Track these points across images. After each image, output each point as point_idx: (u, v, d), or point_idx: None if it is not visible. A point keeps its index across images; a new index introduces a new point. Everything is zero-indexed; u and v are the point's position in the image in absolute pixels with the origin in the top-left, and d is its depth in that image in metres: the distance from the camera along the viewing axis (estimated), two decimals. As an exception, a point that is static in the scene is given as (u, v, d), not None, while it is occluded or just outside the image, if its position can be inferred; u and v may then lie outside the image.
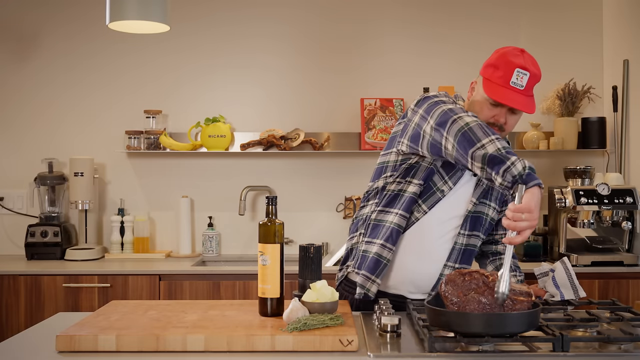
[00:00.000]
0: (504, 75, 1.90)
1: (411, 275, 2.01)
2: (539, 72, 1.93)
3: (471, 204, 2.01)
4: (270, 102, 3.76)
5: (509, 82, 1.89)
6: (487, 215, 2.05)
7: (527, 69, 1.90)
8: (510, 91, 1.90)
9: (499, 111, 1.94)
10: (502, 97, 1.89)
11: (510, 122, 1.96)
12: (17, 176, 3.72)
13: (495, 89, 1.91)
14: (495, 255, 2.17)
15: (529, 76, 1.90)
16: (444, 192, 1.98)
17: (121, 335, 1.54)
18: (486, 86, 1.93)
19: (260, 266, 1.76)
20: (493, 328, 1.50)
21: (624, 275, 3.14)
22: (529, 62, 1.92)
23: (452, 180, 1.98)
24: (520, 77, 1.90)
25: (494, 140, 1.71)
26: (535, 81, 1.92)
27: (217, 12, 3.76)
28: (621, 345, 1.54)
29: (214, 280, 3.15)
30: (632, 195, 3.16)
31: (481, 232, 2.05)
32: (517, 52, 1.94)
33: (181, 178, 3.75)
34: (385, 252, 1.97)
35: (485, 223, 2.05)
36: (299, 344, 1.54)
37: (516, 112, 1.95)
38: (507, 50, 1.95)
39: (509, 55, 1.92)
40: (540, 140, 3.59)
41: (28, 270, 3.17)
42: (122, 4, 2.29)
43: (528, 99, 1.92)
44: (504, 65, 1.91)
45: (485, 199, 2.04)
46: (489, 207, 2.05)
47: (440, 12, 3.75)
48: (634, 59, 3.46)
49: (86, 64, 3.75)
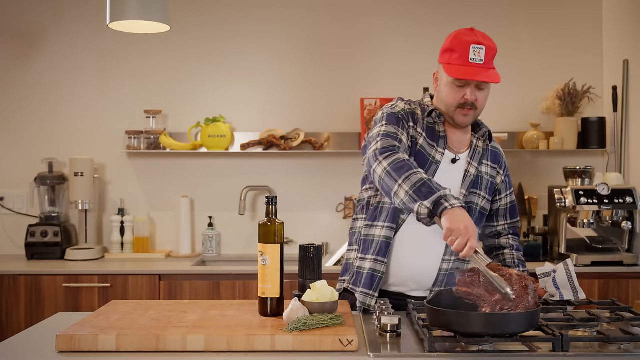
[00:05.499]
0: (461, 55, 1.96)
1: (410, 273, 2.03)
2: (494, 45, 1.99)
3: (461, 196, 2.03)
4: (270, 102, 3.76)
5: (468, 59, 1.95)
6: (477, 204, 2.06)
7: (481, 43, 1.96)
8: (472, 67, 1.95)
9: (467, 90, 1.98)
10: (466, 74, 1.94)
11: (480, 98, 2.01)
12: (17, 176, 3.72)
13: (457, 69, 1.96)
14: (499, 250, 2.18)
15: (485, 49, 1.96)
16: None
17: (121, 335, 1.55)
18: (448, 70, 1.98)
19: (260, 266, 1.76)
20: (493, 328, 1.50)
21: (624, 275, 3.14)
22: (481, 37, 1.98)
23: (428, 174, 1.99)
24: (477, 51, 1.95)
25: (399, 188, 1.81)
26: (492, 53, 1.98)
27: (218, 12, 3.76)
28: (621, 345, 1.54)
29: (214, 280, 3.15)
30: (632, 195, 3.16)
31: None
32: (467, 31, 2.00)
33: (181, 178, 3.75)
34: (379, 266, 2.01)
35: (475, 213, 2.06)
36: (299, 344, 1.54)
37: (482, 87, 2.00)
38: (457, 32, 2.01)
39: (461, 36, 1.98)
40: (540, 140, 3.59)
41: (28, 270, 3.17)
42: (122, 4, 2.29)
43: (491, 71, 1.98)
44: (459, 46, 1.96)
45: (475, 189, 2.06)
46: (479, 197, 2.07)
47: (440, 12, 3.75)
48: (634, 59, 3.46)
49: (86, 63, 3.75)
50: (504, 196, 2.15)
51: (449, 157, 2.04)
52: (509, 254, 2.15)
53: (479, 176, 2.06)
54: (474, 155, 2.08)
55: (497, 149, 2.16)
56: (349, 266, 2.12)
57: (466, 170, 2.04)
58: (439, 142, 2.03)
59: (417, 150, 2.00)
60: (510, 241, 2.17)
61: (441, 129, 2.05)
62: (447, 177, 2.01)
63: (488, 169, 2.10)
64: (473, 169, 2.05)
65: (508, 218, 2.17)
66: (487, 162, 2.11)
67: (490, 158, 2.12)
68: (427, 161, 2.00)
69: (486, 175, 2.09)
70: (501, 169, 2.14)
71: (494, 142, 2.16)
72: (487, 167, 2.10)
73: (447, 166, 2.03)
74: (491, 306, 1.58)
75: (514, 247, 2.17)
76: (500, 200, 2.15)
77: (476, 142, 2.10)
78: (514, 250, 2.16)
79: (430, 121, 2.05)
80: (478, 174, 2.06)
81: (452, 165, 2.04)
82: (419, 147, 2.01)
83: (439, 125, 2.05)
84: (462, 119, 2.01)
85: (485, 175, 2.08)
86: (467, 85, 1.97)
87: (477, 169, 2.06)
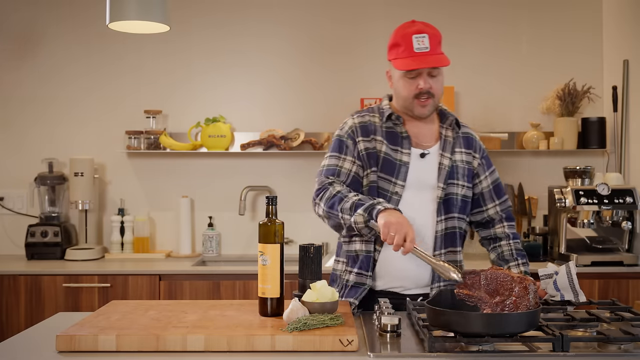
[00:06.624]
0: (406, 47, 2.00)
1: (404, 272, 2.04)
2: (437, 31, 2.03)
3: (440, 190, 2.04)
4: (270, 102, 3.76)
5: (413, 49, 1.99)
6: (458, 194, 2.07)
7: (423, 32, 2.00)
8: (418, 56, 1.99)
9: (419, 80, 2.01)
10: (414, 64, 1.98)
11: (435, 85, 2.04)
12: (17, 176, 3.72)
13: (404, 61, 2.00)
14: (496, 242, 2.16)
15: (428, 37, 2.00)
16: (398, 192, 2.02)
17: (121, 335, 1.55)
18: (397, 65, 2.02)
19: (260, 266, 1.76)
20: (493, 328, 1.50)
21: (624, 275, 3.14)
22: (423, 26, 2.03)
23: (399, 177, 2.03)
24: (420, 40, 2.00)
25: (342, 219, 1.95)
26: (436, 39, 2.02)
27: (218, 12, 3.76)
28: (621, 345, 1.54)
29: (214, 280, 3.15)
30: (632, 195, 3.16)
31: (456, 212, 2.07)
32: (408, 23, 2.06)
33: (181, 178, 3.75)
34: (363, 279, 2.04)
35: (457, 202, 2.06)
36: (299, 344, 1.54)
37: (434, 74, 2.03)
38: (399, 27, 2.06)
39: (403, 29, 2.04)
40: (540, 140, 3.59)
41: (28, 270, 3.17)
42: (122, 4, 2.29)
43: (439, 56, 2.01)
44: (402, 39, 2.01)
45: (453, 179, 2.07)
46: (458, 186, 2.07)
47: (440, 12, 3.75)
48: (634, 59, 3.46)
49: (86, 64, 3.75)
50: (483, 178, 2.14)
51: (417, 153, 2.06)
52: (506, 246, 2.13)
53: (454, 166, 2.07)
54: (445, 146, 2.09)
55: (468, 133, 2.16)
56: (336, 277, 2.15)
57: (440, 163, 2.06)
58: (402, 144, 2.06)
59: (382, 158, 2.04)
60: (505, 230, 2.16)
61: (402, 129, 2.07)
62: (420, 173, 2.04)
63: (462, 155, 2.10)
64: (446, 160, 2.06)
65: (496, 199, 2.15)
66: (461, 149, 2.11)
67: (463, 144, 2.12)
68: (395, 165, 2.03)
69: (462, 163, 2.09)
70: (476, 152, 2.14)
71: (464, 127, 2.17)
72: (461, 155, 2.10)
73: (417, 163, 2.05)
74: (492, 308, 1.59)
75: (511, 237, 2.15)
76: (481, 182, 2.14)
77: (445, 133, 2.11)
78: (510, 240, 2.14)
79: (389, 125, 2.08)
80: (453, 163, 2.07)
81: (423, 161, 2.05)
82: (382, 155, 2.04)
83: (399, 127, 2.08)
84: (421, 110, 2.04)
85: (460, 164, 2.08)
86: (419, 75, 2.01)
87: (450, 159, 2.07)
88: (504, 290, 1.60)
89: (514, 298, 1.57)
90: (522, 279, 1.59)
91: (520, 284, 1.58)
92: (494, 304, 1.59)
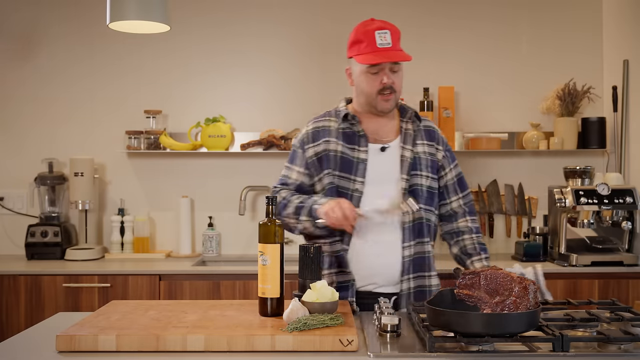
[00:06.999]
0: (368, 43, 2.03)
1: (376, 270, 2.06)
2: (397, 28, 2.07)
3: (404, 182, 2.06)
4: (270, 102, 3.76)
5: (376, 45, 2.02)
6: (422, 185, 2.09)
7: (385, 28, 2.05)
8: (382, 51, 2.02)
9: (382, 75, 2.05)
10: (378, 58, 2.02)
11: (397, 80, 2.08)
12: (17, 176, 3.72)
13: (368, 56, 2.03)
14: (459, 236, 2.18)
15: (389, 33, 2.04)
16: (358, 189, 2.05)
17: (121, 335, 1.55)
18: (361, 60, 2.04)
19: (260, 266, 1.76)
20: (493, 328, 1.50)
21: (624, 275, 3.14)
22: (383, 23, 2.07)
23: (358, 174, 2.06)
24: (383, 36, 2.03)
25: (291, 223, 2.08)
26: (397, 36, 2.06)
27: (218, 12, 3.76)
28: (621, 345, 1.54)
29: (214, 280, 3.15)
30: (632, 195, 3.16)
31: (422, 203, 2.08)
32: (368, 21, 2.10)
33: (181, 178, 3.75)
34: (346, 276, 2.07)
35: (423, 193, 2.08)
36: (299, 344, 1.54)
37: (395, 69, 2.06)
38: (359, 25, 2.10)
39: (364, 27, 2.07)
40: (540, 140, 3.59)
41: (28, 270, 3.17)
42: (122, 4, 2.29)
43: (401, 52, 2.05)
44: (364, 35, 2.04)
45: (416, 170, 2.09)
46: (422, 177, 2.09)
47: (440, 13, 3.75)
48: (634, 59, 3.46)
49: (86, 64, 3.75)
50: (448, 170, 2.18)
51: (377, 148, 2.09)
52: (469, 240, 2.15)
53: (417, 157, 2.10)
54: (406, 138, 2.11)
55: (430, 127, 2.19)
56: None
57: (402, 155, 2.08)
58: (359, 142, 2.09)
59: (339, 158, 2.07)
60: (469, 224, 2.18)
61: (359, 128, 2.10)
62: (382, 168, 2.07)
63: (425, 147, 2.13)
64: (408, 152, 2.09)
65: (459, 191, 2.19)
66: (423, 141, 2.14)
67: (424, 137, 2.15)
68: (352, 163, 2.06)
69: (424, 154, 2.12)
70: (439, 145, 2.17)
71: (425, 121, 2.20)
72: (423, 147, 2.13)
73: (378, 158, 2.08)
74: (492, 308, 1.59)
75: (473, 231, 2.18)
76: (446, 175, 2.17)
77: (405, 126, 2.14)
78: (473, 234, 2.17)
79: (346, 126, 2.11)
80: (415, 155, 2.09)
81: (384, 155, 2.08)
82: (339, 155, 2.07)
83: (356, 126, 2.11)
84: (384, 105, 2.07)
85: (423, 155, 2.11)
86: (382, 70, 2.04)
87: (412, 151, 2.09)
88: (503, 290, 1.60)
89: (513, 298, 1.57)
90: (522, 279, 1.60)
91: (520, 284, 1.58)
92: (494, 304, 1.59)
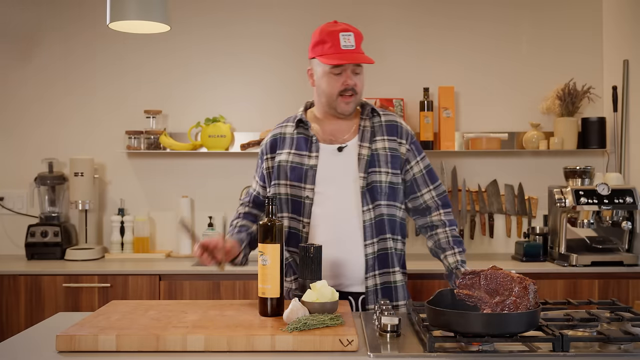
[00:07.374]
0: (333, 44, 2.04)
1: (340, 269, 2.06)
2: (360, 31, 2.08)
3: (361, 180, 2.05)
4: (270, 102, 3.76)
5: (340, 46, 2.03)
6: (381, 181, 2.08)
7: (349, 30, 2.05)
8: (346, 53, 2.03)
9: (344, 76, 2.06)
10: (342, 59, 2.03)
11: (359, 82, 2.09)
12: (17, 176, 3.72)
13: (332, 57, 2.03)
14: (433, 230, 2.16)
15: (353, 35, 2.05)
16: (309, 196, 2.07)
17: (121, 335, 1.55)
18: (324, 60, 2.05)
19: (260, 266, 1.76)
20: (493, 328, 1.50)
21: (624, 275, 3.14)
22: (347, 25, 2.08)
23: (307, 181, 2.07)
24: (347, 38, 2.04)
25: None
26: (360, 39, 2.07)
27: (218, 12, 3.76)
28: (621, 345, 1.54)
29: (214, 280, 3.15)
30: (632, 195, 3.16)
31: (383, 200, 2.07)
32: (331, 23, 2.10)
33: (181, 178, 3.75)
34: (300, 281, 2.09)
35: (382, 190, 2.07)
36: (299, 344, 1.54)
37: (358, 71, 2.08)
38: (322, 26, 2.10)
39: (328, 28, 2.07)
40: (540, 140, 3.59)
41: (28, 270, 3.17)
42: (122, 4, 2.29)
43: (364, 54, 2.07)
44: (328, 36, 2.05)
45: (374, 167, 2.08)
46: (380, 174, 2.08)
47: (440, 13, 3.75)
48: (634, 59, 3.46)
49: (87, 64, 3.75)
50: (414, 163, 2.15)
51: (333, 149, 2.09)
52: (442, 233, 2.13)
53: (375, 154, 2.09)
54: (363, 136, 2.11)
55: (392, 121, 2.17)
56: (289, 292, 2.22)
57: (359, 154, 2.08)
58: (310, 148, 2.09)
59: (289, 168, 2.09)
60: (442, 217, 2.16)
61: (310, 133, 2.12)
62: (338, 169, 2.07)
63: (385, 143, 2.11)
64: (365, 150, 2.08)
65: (429, 183, 2.16)
66: (383, 137, 2.12)
67: (385, 132, 2.13)
68: (302, 171, 2.07)
69: (383, 150, 2.10)
70: (402, 139, 2.15)
71: (388, 115, 2.18)
72: (383, 142, 2.11)
73: (334, 160, 2.08)
74: (492, 308, 1.59)
75: (447, 224, 2.15)
76: (413, 168, 2.15)
77: (363, 124, 2.14)
78: (447, 228, 2.14)
79: (300, 131, 2.14)
80: (373, 152, 2.08)
81: (341, 156, 2.08)
82: (290, 165, 2.09)
83: (308, 131, 2.12)
84: (345, 107, 2.08)
85: (382, 151, 2.09)
86: (344, 72, 2.05)
87: (369, 149, 2.09)
88: (503, 290, 1.60)
89: (513, 298, 1.57)
90: (522, 279, 1.60)
91: (520, 284, 1.58)
92: (494, 304, 1.59)
